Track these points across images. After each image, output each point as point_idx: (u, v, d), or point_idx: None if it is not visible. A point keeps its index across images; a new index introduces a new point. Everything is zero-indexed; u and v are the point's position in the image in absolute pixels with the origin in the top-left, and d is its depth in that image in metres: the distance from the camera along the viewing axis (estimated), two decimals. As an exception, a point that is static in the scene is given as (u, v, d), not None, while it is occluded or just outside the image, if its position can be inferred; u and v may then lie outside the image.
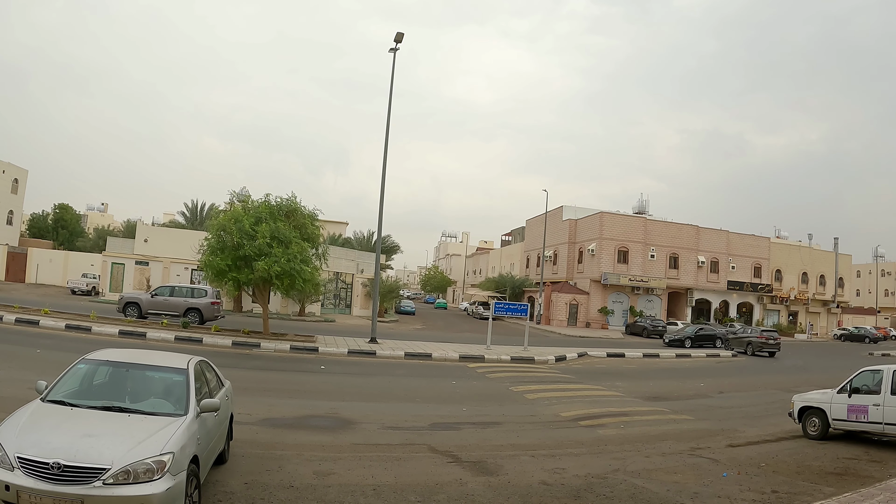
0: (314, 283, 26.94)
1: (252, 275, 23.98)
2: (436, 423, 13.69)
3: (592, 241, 60.25)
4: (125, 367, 7.78)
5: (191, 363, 8.06)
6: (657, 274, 60.52)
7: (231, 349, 23.37)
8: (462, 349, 28.42)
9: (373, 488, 8.57)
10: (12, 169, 65.42)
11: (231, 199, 27.81)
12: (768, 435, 14.49)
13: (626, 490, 9.26)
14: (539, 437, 13.04)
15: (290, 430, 11.93)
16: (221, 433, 8.45)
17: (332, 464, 9.69)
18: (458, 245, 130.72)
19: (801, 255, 70.69)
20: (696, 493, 9.28)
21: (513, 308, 32.91)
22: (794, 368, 31.99)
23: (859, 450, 13.14)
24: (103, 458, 5.74)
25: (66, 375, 7.45)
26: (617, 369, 26.99)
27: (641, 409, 17.19)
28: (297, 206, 26.46)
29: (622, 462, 11.04)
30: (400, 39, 28.51)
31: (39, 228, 75.23)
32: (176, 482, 5.95)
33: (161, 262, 45.27)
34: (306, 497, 7.97)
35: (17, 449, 5.77)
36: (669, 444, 12.95)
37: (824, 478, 10.66)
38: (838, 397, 13.86)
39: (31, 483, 5.56)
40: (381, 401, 16.16)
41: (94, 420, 6.56)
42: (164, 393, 7.45)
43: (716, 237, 64.29)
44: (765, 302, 66.30)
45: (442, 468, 9.99)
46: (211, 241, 25.08)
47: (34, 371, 13.06)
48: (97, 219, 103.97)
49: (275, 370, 19.41)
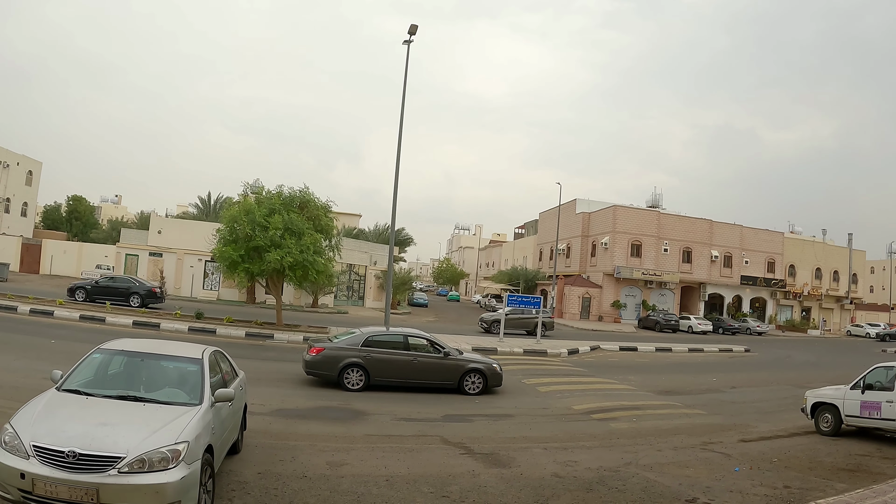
0: (327, 275, 27.02)
1: (265, 266, 24.06)
2: (448, 414, 13.72)
3: (605, 234, 60.03)
4: (140, 357, 7.83)
5: (205, 353, 8.09)
6: (670, 268, 60.23)
7: (244, 340, 23.47)
8: (475, 341, 28.39)
9: (385, 479, 8.60)
10: (26, 161, 65.87)
11: (244, 191, 27.87)
12: (780, 430, 14.42)
13: (638, 483, 9.25)
14: (551, 429, 13.04)
15: (304, 421, 11.99)
16: (235, 423, 8.50)
17: (345, 454, 9.73)
18: (471, 238, 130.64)
19: (814, 251, 70.16)
20: (707, 487, 9.25)
21: (526, 301, 32.88)
22: (807, 364, 31.78)
23: (872, 446, 13.05)
24: (118, 447, 5.77)
25: (81, 365, 7.49)
26: (629, 363, 26.93)
27: (654, 402, 17.17)
28: (310, 197, 26.47)
29: (634, 455, 11.03)
30: (414, 31, 28.39)
31: (53, 220, 75.70)
32: (190, 471, 5.97)
33: (174, 253, 45.44)
34: (319, 487, 8.01)
35: (33, 437, 5.80)
36: (681, 438, 12.93)
37: (836, 474, 10.61)
38: (851, 393, 13.77)
39: (47, 471, 5.58)
40: (393, 392, 16.19)
41: (109, 409, 6.59)
42: (178, 382, 7.48)
43: (729, 231, 63.89)
44: (778, 297, 65.92)
45: (454, 460, 10.02)
46: (224, 232, 25.16)
47: (49, 361, 13.16)
48: (111, 210, 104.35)
49: (288, 361, 19.45)
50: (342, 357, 15.67)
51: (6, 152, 62.31)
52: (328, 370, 15.64)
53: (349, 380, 15.60)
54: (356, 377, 15.65)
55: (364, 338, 16.27)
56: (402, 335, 17.10)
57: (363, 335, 16.43)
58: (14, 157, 63.48)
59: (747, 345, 39.67)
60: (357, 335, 16.50)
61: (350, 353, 15.76)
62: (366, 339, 16.21)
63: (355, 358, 15.71)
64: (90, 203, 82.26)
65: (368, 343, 16.13)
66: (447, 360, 16.64)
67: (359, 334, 16.58)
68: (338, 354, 15.72)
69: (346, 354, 15.73)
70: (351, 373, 15.65)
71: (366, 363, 15.75)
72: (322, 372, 15.73)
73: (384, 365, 15.96)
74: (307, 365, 15.83)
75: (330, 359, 15.64)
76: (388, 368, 16.01)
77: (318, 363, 15.68)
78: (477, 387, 16.65)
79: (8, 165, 62.07)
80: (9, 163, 62.30)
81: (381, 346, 16.23)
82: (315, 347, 15.90)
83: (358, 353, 15.82)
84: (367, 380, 15.69)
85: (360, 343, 16.08)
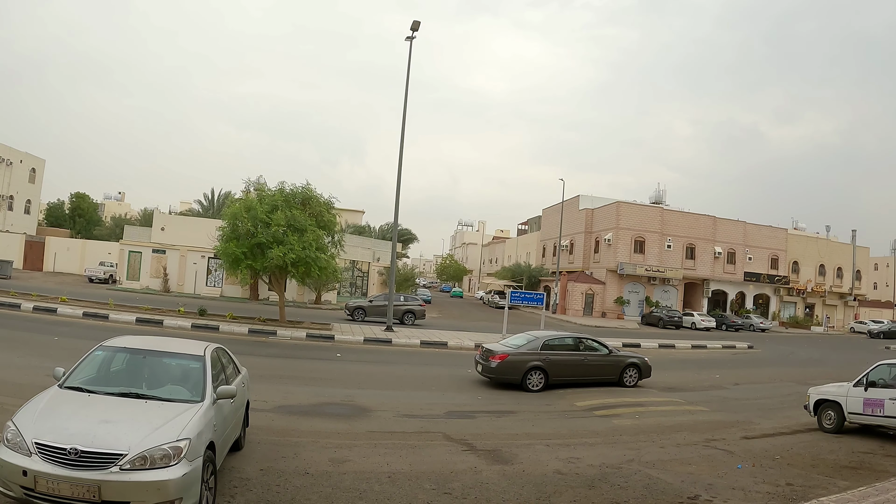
0: (330, 271, 26.98)
1: (267, 262, 24.09)
2: (451, 411, 13.73)
3: (609, 230, 59.94)
4: (142, 354, 7.83)
5: (207, 350, 8.10)
6: (673, 264, 60.13)
7: (247, 337, 23.50)
8: (478, 338, 28.41)
9: (388, 476, 8.60)
10: (30, 158, 65.97)
11: (247, 188, 27.89)
12: (783, 427, 14.40)
13: (640, 480, 9.24)
14: (554, 426, 13.05)
15: (306, 418, 12.00)
16: (237, 420, 8.50)
17: (348, 451, 9.73)
18: (474, 234, 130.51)
19: (818, 247, 69.97)
20: (710, 484, 9.24)
21: (529, 297, 32.82)
22: (810, 361, 31.70)
23: (875, 444, 13.02)
24: (120, 444, 5.78)
25: (83, 362, 7.50)
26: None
27: (656, 399, 17.15)
28: (312, 194, 26.49)
29: (637, 452, 11.02)
30: (416, 28, 28.40)
31: (57, 217, 75.74)
32: (192, 468, 5.98)
33: (178, 250, 45.49)
34: (322, 484, 8.01)
35: (35, 435, 5.81)
36: (684, 434, 12.91)
37: (839, 471, 10.58)
38: (854, 391, 13.74)
39: (49, 468, 5.59)
40: (396, 389, 16.22)
41: (111, 406, 6.60)
42: (180, 379, 7.50)
43: (733, 228, 63.74)
44: (781, 294, 65.78)
45: (457, 456, 10.02)
46: (226, 229, 25.19)
47: (52, 358, 13.22)
48: (114, 207, 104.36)
49: (291, 358, 19.50)
50: (525, 362, 16.97)
51: (9, 150, 62.38)
52: (513, 374, 16.93)
53: (531, 382, 16.90)
54: (537, 379, 16.97)
55: (541, 342, 17.68)
56: (573, 337, 18.87)
57: (539, 340, 17.85)
58: (17, 155, 63.53)
59: (751, 341, 39.53)
60: (534, 340, 17.81)
61: (532, 358, 17.11)
62: (543, 343, 17.64)
63: (537, 361, 17.08)
64: (93, 200, 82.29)
65: (546, 347, 17.58)
66: (611, 357, 18.49)
67: (535, 339, 17.90)
68: (521, 360, 17.00)
69: (528, 359, 17.07)
70: (533, 375, 16.94)
71: (545, 365, 17.13)
72: (506, 377, 16.99)
73: (560, 366, 17.46)
74: (491, 371, 17.03)
75: (514, 364, 16.92)
76: (564, 369, 17.53)
77: (503, 369, 16.92)
78: (634, 378, 18.58)
79: (11, 163, 62.11)
80: (12, 160, 62.34)
81: (556, 348, 17.83)
82: (498, 355, 17.07)
83: (538, 357, 17.20)
84: (546, 381, 17.06)
85: (538, 347, 17.45)
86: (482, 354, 17.63)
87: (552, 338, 18.20)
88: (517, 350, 17.29)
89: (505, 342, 18.67)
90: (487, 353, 17.35)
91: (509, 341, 18.54)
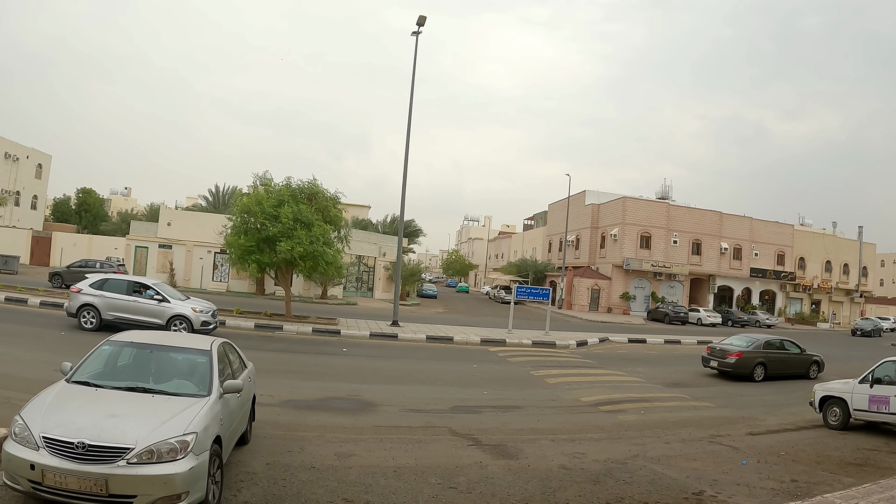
0: (336, 266, 26.97)
1: (275, 256, 24.14)
2: (457, 406, 13.74)
3: (615, 226, 59.83)
4: (149, 349, 7.87)
5: (214, 344, 8.13)
6: (679, 260, 60.02)
7: (253, 331, 23.53)
8: (484, 333, 28.43)
9: (393, 470, 8.63)
10: (36, 154, 66.07)
11: (254, 182, 27.91)
12: (788, 424, 14.42)
13: (645, 476, 9.26)
14: (559, 421, 13.05)
15: (312, 412, 12.02)
16: (244, 414, 8.54)
17: (354, 445, 9.76)
18: (480, 229, 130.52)
19: (824, 244, 69.72)
20: (715, 480, 9.26)
21: (535, 292, 32.82)
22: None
23: (880, 441, 13.03)
24: (127, 438, 5.81)
25: (90, 357, 7.53)
26: (638, 355, 26.89)
27: (662, 395, 17.16)
28: (318, 188, 26.49)
29: (642, 448, 11.04)
30: (422, 23, 28.36)
31: (63, 213, 75.92)
32: (199, 462, 6.01)
33: (184, 245, 45.54)
34: (327, 478, 8.05)
35: (43, 429, 5.85)
36: (689, 430, 12.93)
37: (844, 468, 10.59)
38: (860, 387, 13.74)
39: (56, 462, 5.63)
40: (402, 383, 16.22)
41: (118, 400, 6.64)
42: (187, 374, 7.53)
43: (739, 224, 63.57)
44: (787, 290, 65.60)
45: (462, 451, 10.04)
46: (236, 222, 25.24)
47: (59, 353, 13.27)
48: (120, 203, 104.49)
49: (297, 352, 19.54)
50: (754, 359, 20.97)
51: (16, 145, 62.51)
52: (745, 368, 20.79)
53: (756, 374, 20.86)
54: (760, 371, 20.92)
55: (762, 342, 21.76)
56: (781, 339, 22.99)
57: (760, 341, 21.88)
58: (24, 151, 63.64)
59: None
60: (756, 342, 21.71)
61: (757, 355, 21.12)
62: (764, 343, 21.74)
63: (761, 358, 21.14)
64: (100, 195, 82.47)
65: (766, 346, 21.65)
66: (803, 356, 22.51)
67: (757, 341, 21.82)
68: (751, 357, 20.92)
69: (755, 356, 21.06)
70: (758, 369, 20.89)
71: (766, 361, 21.17)
72: (740, 370, 20.76)
73: (775, 362, 21.55)
74: (728, 366, 20.88)
75: (747, 360, 20.82)
76: (777, 364, 21.57)
77: (739, 364, 20.75)
78: (815, 372, 22.49)
79: (18, 159, 62.23)
80: (18, 156, 62.45)
81: (772, 348, 21.88)
82: (735, 352, 20.91)
83: (761, 355, 21.26)
84: (765, 374, 21.03)
85: (761, 347, 21.49)
86: (714, 353, 21.52)
87: (771, 340, 22.39)
88: (747, 349, 21.05)
89: (729, 342, 22.18)
90: (723, 352, 21.16)
91: (732, 341, 22.17)
